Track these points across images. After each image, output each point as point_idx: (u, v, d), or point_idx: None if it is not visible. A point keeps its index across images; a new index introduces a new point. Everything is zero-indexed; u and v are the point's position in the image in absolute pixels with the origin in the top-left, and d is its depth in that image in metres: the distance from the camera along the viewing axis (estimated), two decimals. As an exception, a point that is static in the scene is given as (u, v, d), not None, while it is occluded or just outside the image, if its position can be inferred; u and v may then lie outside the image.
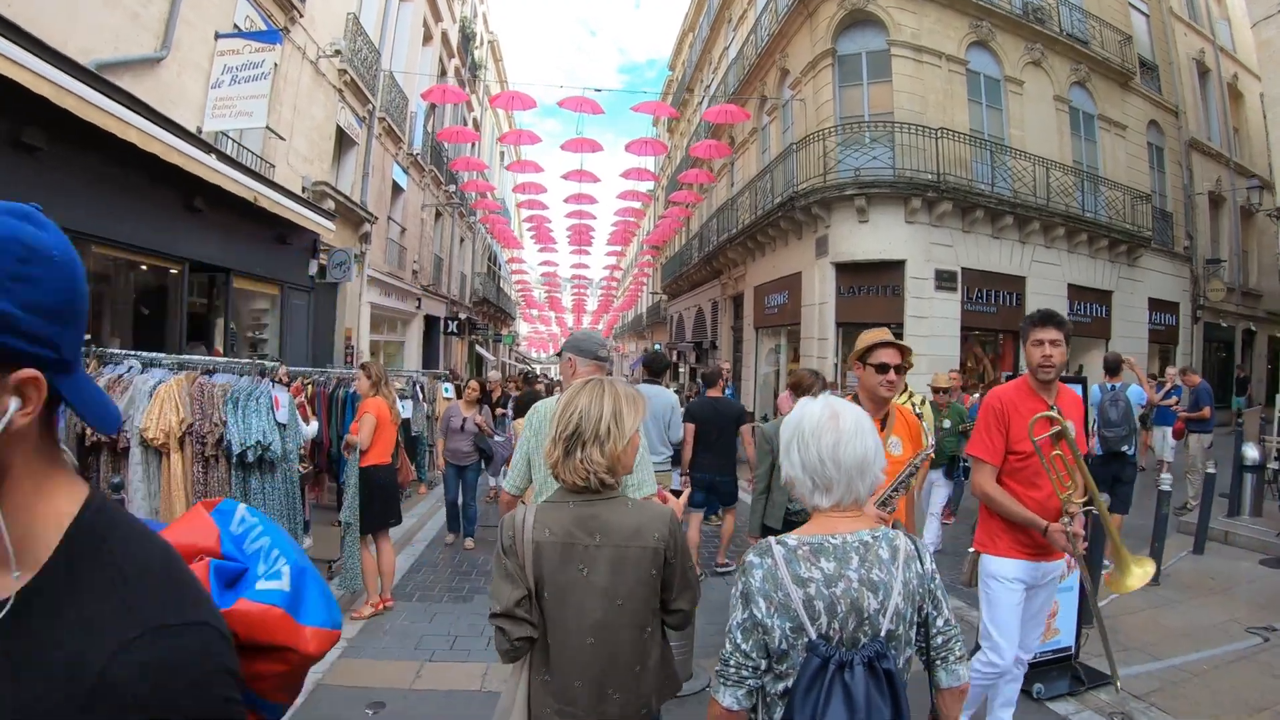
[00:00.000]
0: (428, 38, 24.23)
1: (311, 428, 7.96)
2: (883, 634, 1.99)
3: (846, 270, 16.99)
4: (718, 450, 8.28)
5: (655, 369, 8.54)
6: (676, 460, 8.12)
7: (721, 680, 2.09)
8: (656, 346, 38.88)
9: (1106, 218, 19.92)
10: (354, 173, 18.22)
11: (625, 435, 2.49)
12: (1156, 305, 22.08)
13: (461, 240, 33.57)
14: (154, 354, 6.40)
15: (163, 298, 11.04)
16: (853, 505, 2.15)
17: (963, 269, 17.03)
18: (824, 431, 2.13)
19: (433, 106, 24.74)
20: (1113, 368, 9.81)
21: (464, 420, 9.45)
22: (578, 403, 2.51)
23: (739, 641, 2.05)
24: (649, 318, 49.63)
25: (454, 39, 27.74)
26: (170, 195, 10.00)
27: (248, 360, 6.56)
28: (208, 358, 6.74)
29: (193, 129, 10.36)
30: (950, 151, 16.56)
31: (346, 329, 17.90)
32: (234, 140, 12.39)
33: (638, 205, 28.95)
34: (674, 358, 35.47)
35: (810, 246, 17.74)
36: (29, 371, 0.99)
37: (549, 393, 12.28)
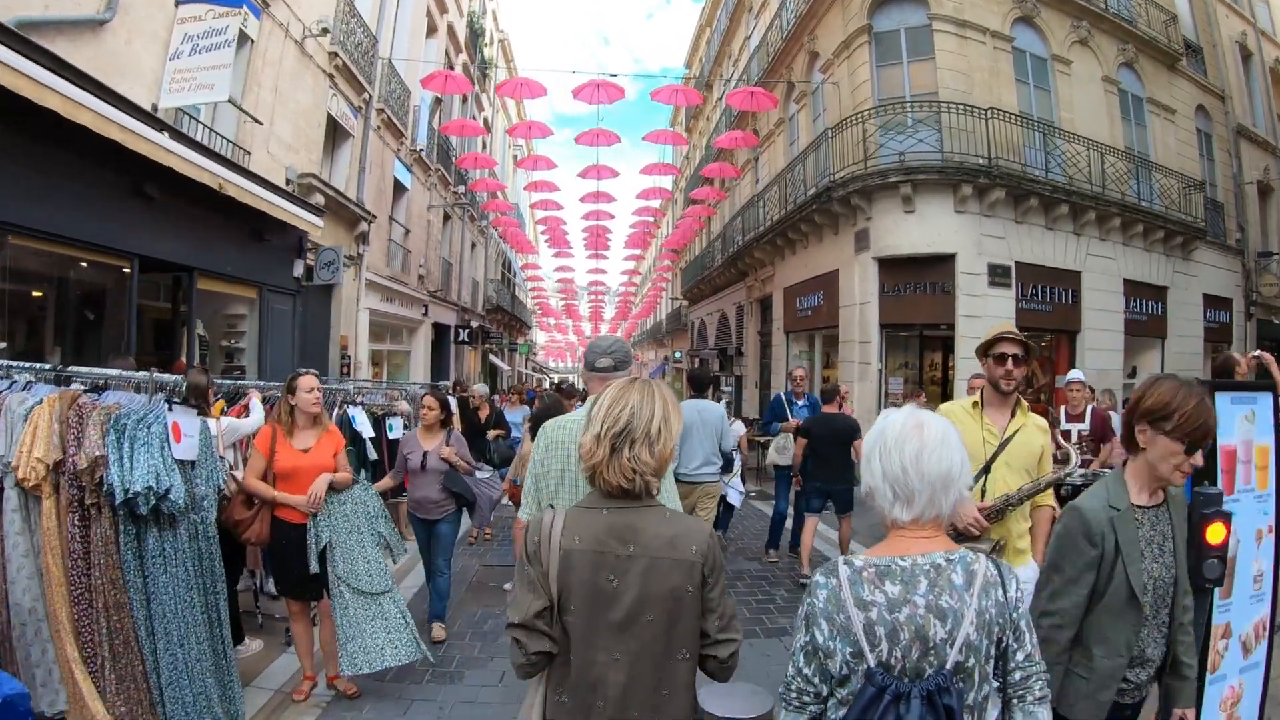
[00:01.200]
0: (432, 29, 22.85)
1: (253, 420, 6.54)
2: (949, 666, 1.89)
3: (890, 266, 15.46)
4: (833, 463, 8.76)
5: (699, 385, 8.77)
6: (726, 468, 8.33)
7: (784, 705, 2.09)
8: (678, 358, 38.44)
9: (1162, 207, 18.47)
10: (349, 167, 16.83)
11: (673, 439, 2.39)
12: (1210, 302, 20.75)
13: (473, 245, 32.21)
14: (36, 365, 4.87)
15: (118, 300, 9.58)
16: (933, 523, 2.04)
17: (1016, 263, 15.50)
18: (907, 440, 2.02)
19: (438, 101, 23.34)
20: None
21: (424, 456, 6.63)
22: (629, 399, 2.37)
23: (801, 665, 2.05)
24: (669, 324, 48.18)
25: (461, 34, 26.33)
26: (115, 180, 8.60)
27: (146, 373, 4.95)
28: (106, 370, 5.15)
29: (147, 106, 9.02)
30: (1000, 134, 15.02)
31: (342, 337, 16.53)
32: (204, 125, 11.07)
33: (656, 204, 27.24)
34: (696, 365, 34.29)
35: (848, 241, 16.22)
36: None
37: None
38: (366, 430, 9.04)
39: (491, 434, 11.63)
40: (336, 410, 8.52)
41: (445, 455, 6.60)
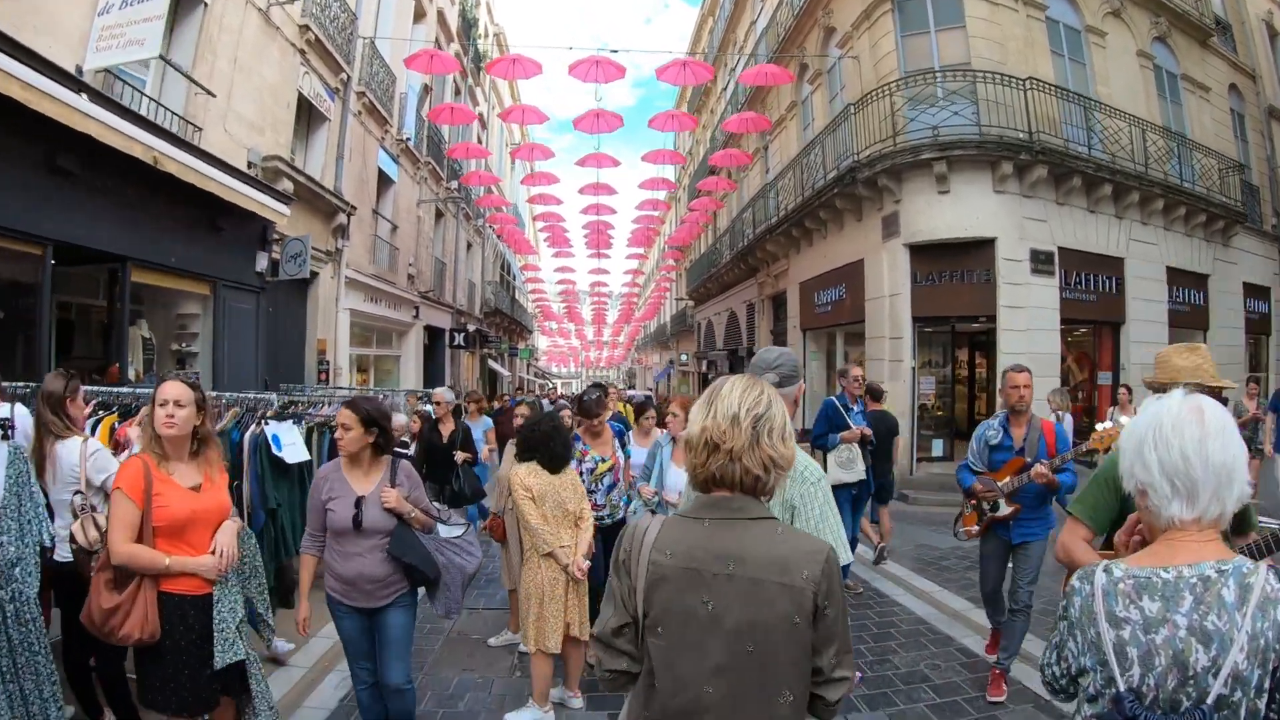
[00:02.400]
0: (420, 14, 21.41)
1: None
2: (1210, 699, 1.64)
3: (923, 253, 14.04)
4: (879, 455, 8.78)
5: None
6: None
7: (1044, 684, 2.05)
8: (684, 360, 36.92)
9: (1204, 189, 17.22)
10: (325, 154, 15.40)
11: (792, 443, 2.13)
12: (1249, 291, 19.62)
13: (469, 245, 30.82)
14: None
15: (29, 294, 8.13)
16: (1213, 524, 1.79)
17: (1059, 249, 14.13)
18: (1187, 425, 1.79)
19: (427, 89, 21.92)
20: None
21: (357, 504, 4.03)
22: (763, 388, 2.11)
23: (1052, 660, 1.97)
24: (674, 326, 46.95)
25: (453, 22, 24.94)
26: (23, 150, 7.20)
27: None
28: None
29: (71, 68, 7.67)
30: (1040, 107, 13.63)
31: (320, 340, 15.13)
32: (149, 98, 9.70)
33: (661, 195, 25.63)
34: (704, 367, 34.52)
35: (875, 227, 14.83)
36: None
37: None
38: (298, 454, 6.39)
39: (459, 456, 8.52)
40: (253, 428, 6.34)
41: (390, 503, 4.03)
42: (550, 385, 50.02)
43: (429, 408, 10.48)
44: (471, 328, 28.75)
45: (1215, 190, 17.43)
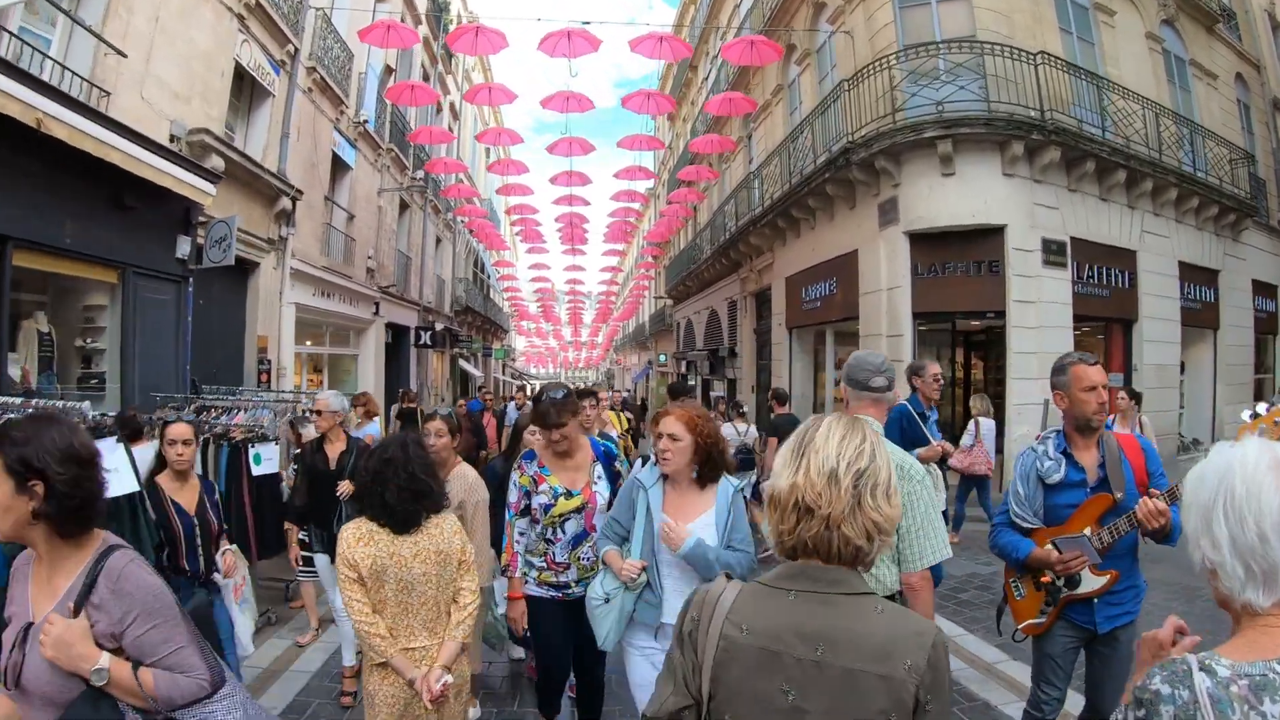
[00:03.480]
0: (382, -11, 20.07)
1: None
2: None
3: (924, 242, 12.75)
4: None
5: (676, 394, 10.52)
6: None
7: None
8: (663, 361, 37.32)
9: (1217, 179, 16.28)
10: (268, 132, 14.04)
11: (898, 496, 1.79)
12: (1257, 289, 18.81)
13: (439, 240, 29.47)
14: None
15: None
16: None
17: (1071, 239, 12.95)
18: (1267, 490, 1.42)
19: (390, 71, 20.54)
20: None
21: (22, 636, 2.14)
22: (863, 432, 1.79)
23: None
24: (652, 326, 45.78)
25: (421, 4, 23.53)
26: None
27: None
28: None
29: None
30: (1052, 86, 12.43)
31: (260, 338, 13.77)
32: (54, 60, 8.50)
33: (639, 186, 24.20)
34: (683, 368, 33.29)
35: (870, 215, 13.55)
36: None
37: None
38: (121, 483, 4.47)
39: (342, 489, 5.87)
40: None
41: (47, 650, 2.03)
42: (527, 385, 48.78)
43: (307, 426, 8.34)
44: (440, 326, 27.38)
45: (1227, 181, 16.49)
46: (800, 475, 1.72)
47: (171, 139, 10.45)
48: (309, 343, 17.62)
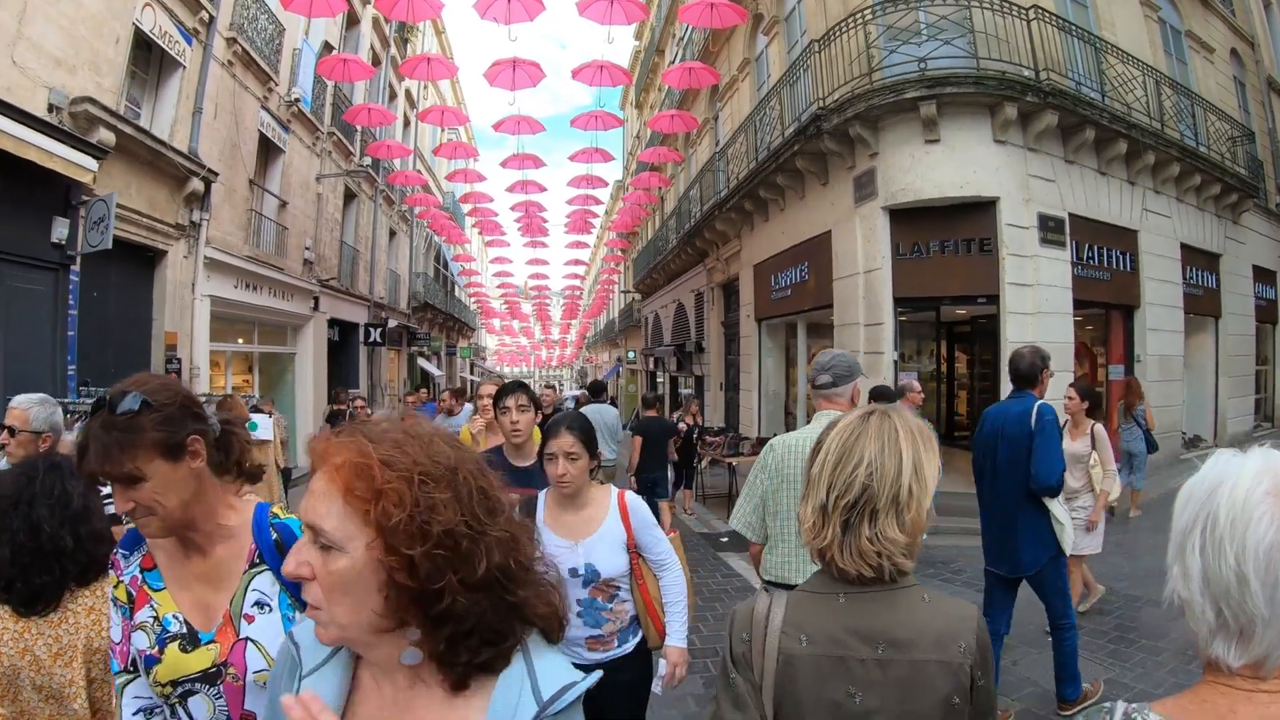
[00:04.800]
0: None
1: None
2: None
3: (907, 219, 11.31)
4: (659, 456, 10.85)
5: (595, 391, 12.41)
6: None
7: None
8: (631, 358, 37.21)
9: (1220, 156, 15.15)
10: (178, 107, 12.58)
11: (929, 494, 1.70)
12: (1258, 275, 17.85)
13: (392, 233, 28.02)
14: None
15: None
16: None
17: (1070, 215, 11.62)
18: (1256, 520, 1.10)
19: (328, 48, 19.00)
20: None
21: None
22: (862, 451, 1.69)
23: None
24: (622, 322, 44.58)
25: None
26: None
27: None
28: None
29: None
30: (1046, 45, 11.13)
31: (168, 334, 12.36)
32: None
33: (599, 171, 22.72)
34: (651, 365, 33.75)
35: (845, 190, 12.14)
36: None
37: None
38: None
39: None
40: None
41: None
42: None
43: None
44: (393, 323, 25.93)
45: (1228, 159, 15.36)
46: (807, 504, 1.74)
47: (50, 109, 9.30)
48: (240, 340, 16.24)
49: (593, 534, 3.19)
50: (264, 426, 8.82)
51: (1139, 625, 6.62)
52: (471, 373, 54.68)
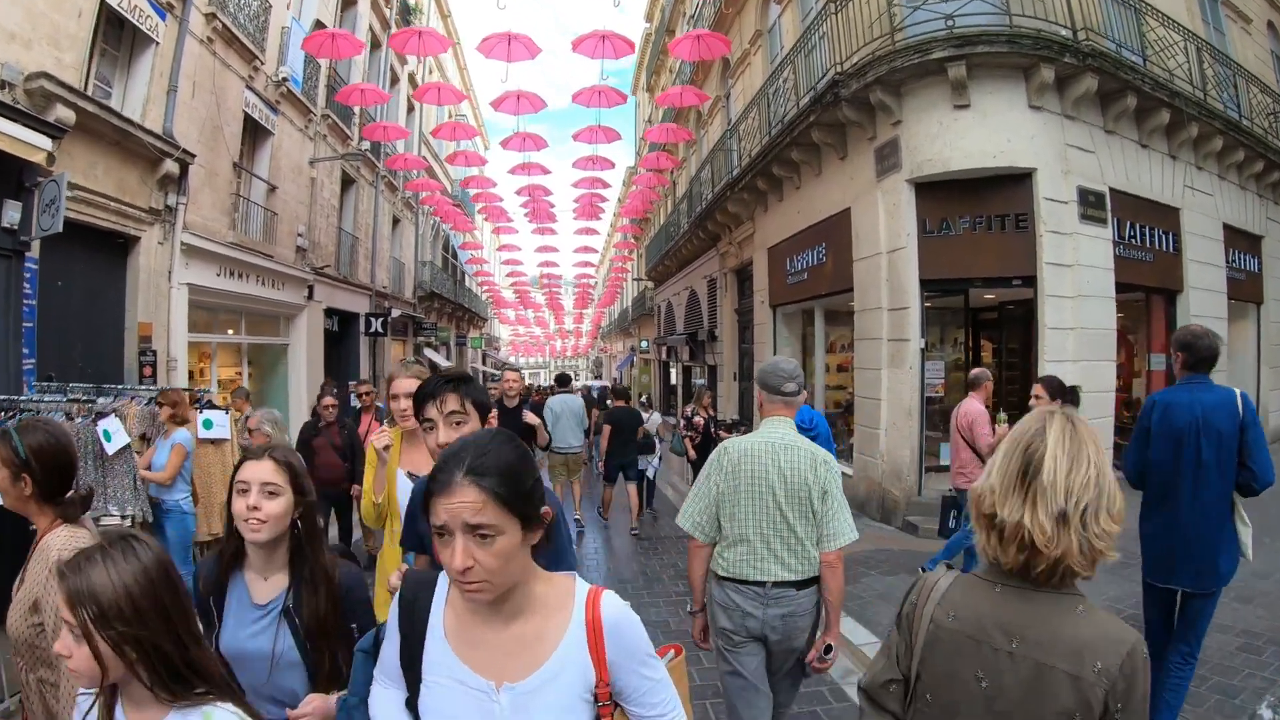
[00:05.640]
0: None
1: None
2: None
3: (933, 193, 10.34)
4: (627, 444, 11.77)
5: (563, 382, 13.09)
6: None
7: None
8: (644, 348, 37.10)
9: (1263, 130, 14.09)
10: (151, 85, 11.76)
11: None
12: None
13: (396, 220, 27.18)
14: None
15: None
16: None
17: (1111, 190, 10.67)
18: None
19: (321, 26, 18.14)
20: None
21: None
22: (1087, 454, 1.72)
23: None
24: (635, 311, 43.71)
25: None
26: None
27: None
28: None
29: None
30: (1083, 1, 10.15)
31: (142, 325, 11.65)
32: None
33: (605, 152, 21.65)
34: (664, 354, 33.27)
35: (866, 163, 11.20)
36: None
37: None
38: None
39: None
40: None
41: None
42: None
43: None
44: (397, 313, 25.13)
45: (1270, 135, 14.29)
46: (1028, 514, 1.69)
47: (2, 85, 8.57)
48: (230, 332, 15.46)
49: (533, 672, 1.71)
50: (220, 424, 8.00)
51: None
52: (484, 364, 53.96)
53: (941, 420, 11.73)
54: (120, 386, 8.42)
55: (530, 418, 7.69)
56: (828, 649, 3.59)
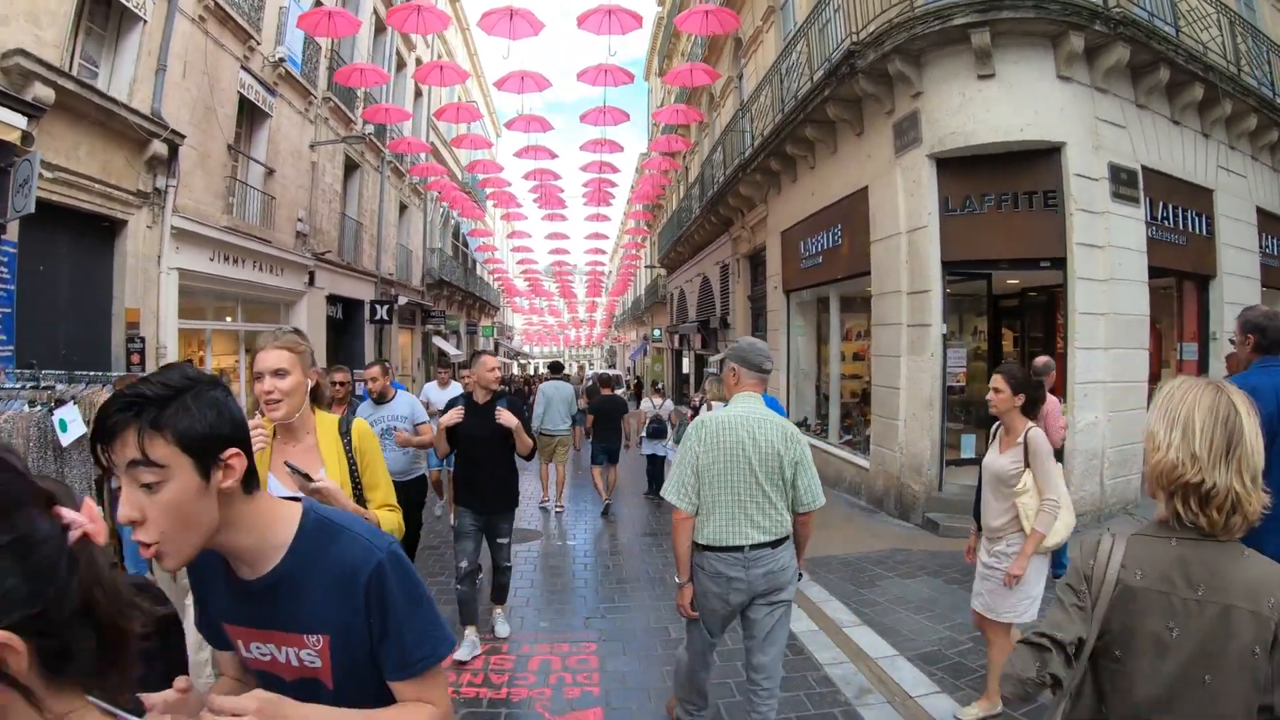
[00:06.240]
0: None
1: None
2: None
3: (956, 169, 9.73)
4: (612, 430, 12.38)
5: (555, 369, 13.57)
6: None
7: None
8: (657, 336, 37.12)
9: None
10: (138, 64, 11.34)
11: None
12: None
13: (403, 207, 26.73)
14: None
15: None
16: None
17: (1143, 168, 10.06)
18: None
19: (319, 4, 17.63)
20: None
21: None
22: (1232, 399, 1.87)
23: None
24: (648, 299, 43.18)
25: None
26: None
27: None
28: None
29: None
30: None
31: (130, 310, 11.28)
32: None
33: (612, 134, 21.05)
34: (676, 343, 32.77)
35: (884, 139, 10.62)
36: None
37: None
38: None
39: None
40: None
41: None
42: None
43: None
44: (404, 300, 24.68)
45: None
46: (1235, 479, 1.79)
47: None
48: (229, 319, 15.15)
49: None
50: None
51: None
52: (496, 353, 53.60)
53: (963, 411, 11.20)
54: (92, 373, 7.91)
55: (506, 418, 5.74)
56: (799, 575, 4.00)
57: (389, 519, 3.24)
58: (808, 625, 6.24)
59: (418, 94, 27.33)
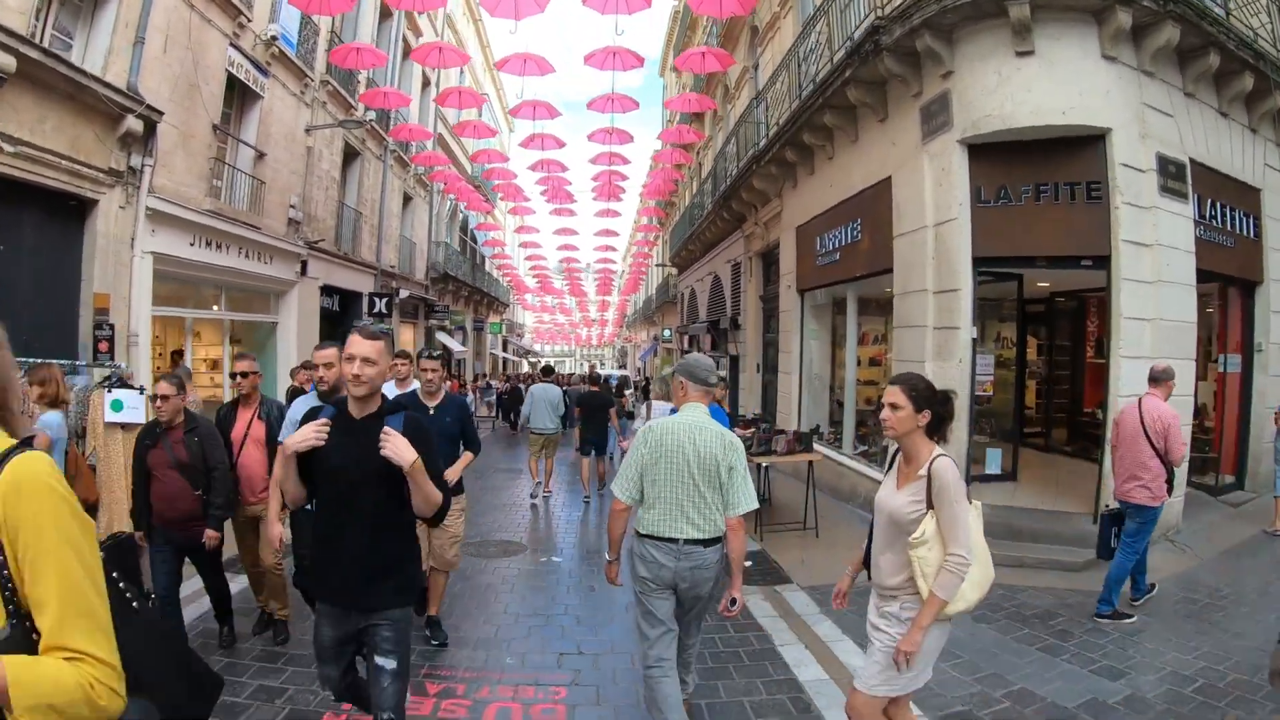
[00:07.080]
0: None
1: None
2: None
3: (990, 156, 8.85)
4: (597, 423, 13.19)
5: (546, 373, 14.29)
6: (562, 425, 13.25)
7: None
8: (667, 336, 37.43)
9: None
10: (114, 36, 10.63)
11: None
12: None
13: (407, 198, 25.98)
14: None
15: None
16: None
17: (1191, 161, 9.21)
18: None
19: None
20: None
21: None
22: None
23: None
24: (659, 298, 42.43)
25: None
26: None
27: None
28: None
29: None
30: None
31: (98, 295, 10.61)
32: None
33: (620, 122, 20.32)
34: (685, 343, 31.34)
35: (910, 124, 9.76)
36: None
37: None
38: None
39: None
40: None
41: None
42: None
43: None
44: (405, 293, 23.94)
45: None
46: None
47: None
48: (215, 308, 14.55)
49: None
50: (134, 406, 6.82)
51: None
52: (504, 350, 52.91)
53: (987, 423, 10.36)
54: (32, 360, 7.12)
55: (394, 447, 3.22)
56: (733, 601, 4.13)
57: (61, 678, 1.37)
58: (816, 673, 5.33)
59: (425, 84, 26.63)
